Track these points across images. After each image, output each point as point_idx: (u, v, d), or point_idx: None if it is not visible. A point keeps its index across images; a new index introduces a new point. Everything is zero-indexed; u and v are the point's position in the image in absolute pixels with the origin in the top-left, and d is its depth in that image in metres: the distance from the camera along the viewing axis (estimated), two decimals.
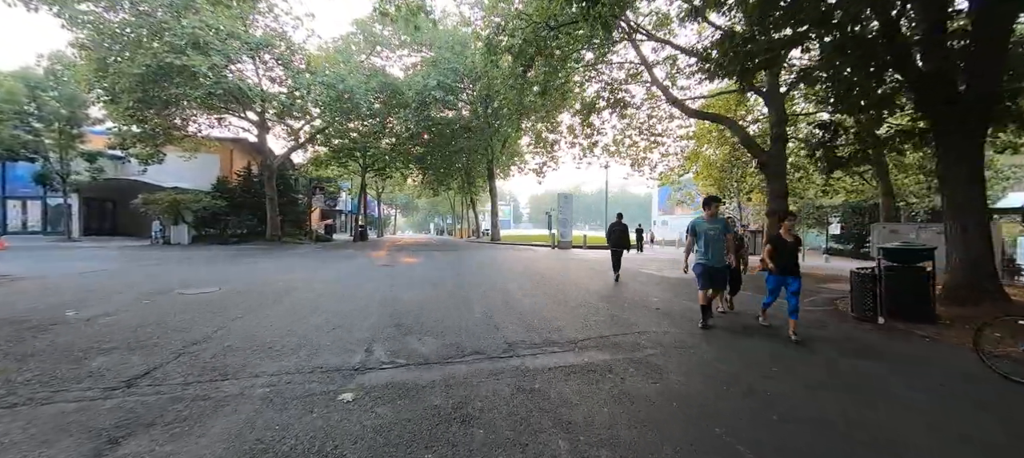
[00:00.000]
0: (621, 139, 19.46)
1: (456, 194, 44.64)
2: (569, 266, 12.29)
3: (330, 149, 25.61)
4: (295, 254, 14.70)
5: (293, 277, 8.57)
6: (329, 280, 8.24)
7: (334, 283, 7.85)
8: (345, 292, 6.87)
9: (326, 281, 8.10)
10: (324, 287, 7.33)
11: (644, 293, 7.61)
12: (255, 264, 11.02)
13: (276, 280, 8.11)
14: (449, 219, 60.37)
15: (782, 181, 12.85)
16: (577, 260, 14.65)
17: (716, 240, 5.07)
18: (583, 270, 11.28)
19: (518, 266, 11.81)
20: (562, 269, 11.39)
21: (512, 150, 29.50)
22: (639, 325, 5.12)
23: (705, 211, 5.24)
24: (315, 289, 7.10)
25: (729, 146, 19.80)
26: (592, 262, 13.82)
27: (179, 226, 18.68)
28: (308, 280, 8.20)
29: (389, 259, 13.38)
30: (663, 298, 7.07)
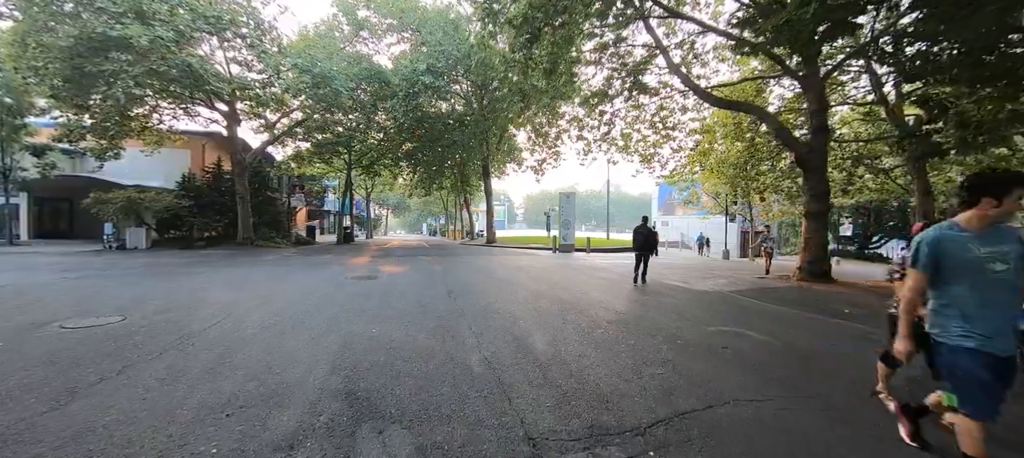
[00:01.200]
0: (629, 132, 17.78)
1: (449, 193, 42.75)
2: (580, 277, 10.54)
3: (313, 145, 23.64)
4: (262, 261, 12.77)
5: (237, 297, 6.70)
6: (281, 302, 6.39)
7: (285, 307, 6.01)
8: (293, 324, 5.04)
9: (277, 303, 6.25)
10: (268, 314, 5.49)
11: (688, 317, 5.87)
12: (201, 277, 9.10)
13: (213, 302, 6.25)
14: (442, 219, 58.41)
15: (823, 178, 11.23)
16: (586, 268, 12.91)
17: (1005, 284, 1.89)
18: (599, 282, 9.53)
19: (521, 276, 10.04)
20: (574, 281, 9.63)
21: (509, 145, 27.72)
22: (722, 386, 3.36)
23: (971, 214, 1.96)
24: (254, 318, 5.26)
25: (745, 141, 18.20)
26: (604, 270, 12.08)
27: (136, 229, 16.61)
28: (254, 302, 6.34)
29: (369, 268, 11.52)
30: (721, 330, 5.33)
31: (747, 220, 24.87)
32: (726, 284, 9.92)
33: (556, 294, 7.58)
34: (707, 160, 18.27)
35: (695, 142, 17.79)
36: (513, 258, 15.95)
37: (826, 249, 11.53)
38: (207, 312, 5.54)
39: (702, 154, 18.10)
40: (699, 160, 18.27)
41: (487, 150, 24.19)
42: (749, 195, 23.01)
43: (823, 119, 11.13)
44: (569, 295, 7.49)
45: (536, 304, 6.59)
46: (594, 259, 16.84)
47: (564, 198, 20.69)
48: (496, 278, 9.60)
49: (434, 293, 7.38)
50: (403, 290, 7.65)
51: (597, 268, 12.87)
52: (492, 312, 5.89)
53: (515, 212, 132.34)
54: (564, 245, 20.30)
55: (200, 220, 17.48)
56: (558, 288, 8.28)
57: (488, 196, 26.03)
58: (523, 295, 7.37)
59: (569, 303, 6.74)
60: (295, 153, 24.82)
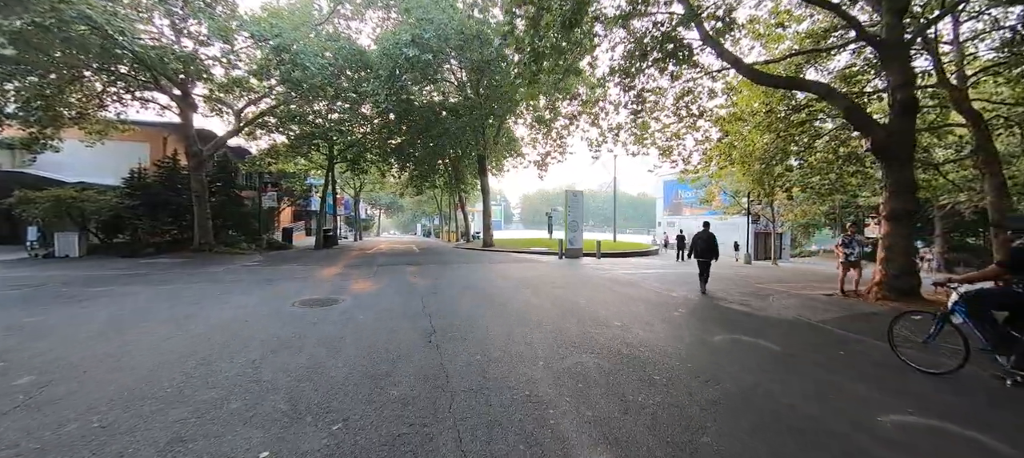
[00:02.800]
0: (646, 121, 15.39)
1: (442, 192, 40.25)
2: (607, 297, 8.14)
3: (288, 138, 21.07)
4: (203, 276, 10.27)
5: (93, 349, 4.24)
6: (149, 360, 3.93)
7: (149, 372, 3.56)
8: (103, 432, 2.59)
9: (138, 363, 3.79)
10: (99, 390, 3.03)
11: (816, 384, 3.44)
12: (94, 304, 6.61)
13: (39, 358, 3.78)
14: (436, 220, 55.87)
15: (908, 169, 8.90)
16: (607, 280, 10.51)
17: None
18: (636, 306, 7.11)
19: (529, 296, 7.63)
20: (601, 303, 7.21)
21: (508, 138, 25.28)
22: None
23: None
24: (75, 401, 2.80)
25: (773, 133, 15.87)
26: (631, 285, 9.69)
27: (66, 234, 14.01)
28: (110, 357, 3.88)
29: (334, 285, 9.05)
30: (903, 423, 2.93)
31: (768, 221, 22.61)
32: (798, 305, 7.56)
33: (587, 332, 5.17)
34: (735, 152, 15.94)
35: (722, 132, 15.42)
36: (515, 266, 13.54)
37: (913, 258, 9.21)
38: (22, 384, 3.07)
39: (730, 146, 15.75)
40: (727, 152, 15.91)
41: (484, 143, 21.71)
42: (773, 193, 20.77)
43: (909, 95, 8.79)
44: (607, 336, 5.07)
45: (564, 357, 4.17)
46: (608, 266, 14.47)
47: (571, 197, 18.30)
48: (497, 302, 7.17)
49: (408, 335, 4.94)
50: (362, 329, 5.20)
51: (619, 280, 10.49)
52: (496, 383, 3.46)
53: (511, 212, 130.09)
54: (571, 249, 17.92)
55: (147, 223, 14.90)
56: (587, 320, 5.86)
57: (485, 194, 23.56)
58: (540, 337, 4.94)
59: (613, 353, 4.32)
60: (270, 147, 22.23)
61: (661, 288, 9.37)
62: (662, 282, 10.47)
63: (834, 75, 13.29)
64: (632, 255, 21.16)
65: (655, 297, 8.09)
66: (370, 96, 16.52)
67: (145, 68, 13.14)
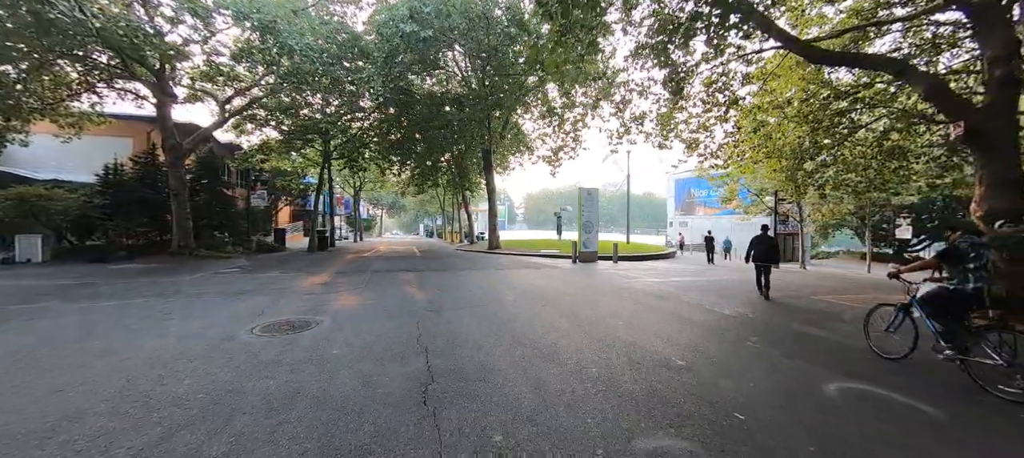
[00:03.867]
0: (669, 112, 13.84)
1: (445, 191, 38.76)
2: (647, 317, 6.62)
3: (280, 132, 19.64)
4: (164, 286, 8.81)
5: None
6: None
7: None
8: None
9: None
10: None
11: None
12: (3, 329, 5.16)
13: None
14: (439, 220, 54.42)
15: (1011, 156, 7.31)
16: (636, 291, 8.97)
17: None
18: (685, 324, 5.57)
19: (551, 313, 6.12)
20: (641, 326, 5.68)
21: (515, 133, 23.72)
22: None
23: None
24: None
25: (809, 124, 14.24)
26: (666, 297, 8.13)
27: (29, 236, 12.61)
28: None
29: (312, 301, 7.57)
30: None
31: (796, 222, 20.97)
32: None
33: (648, 380, 3.63)
34: (770, 144, 14.34)
35: (756, 123, 13.79)
36: (526, 274, 12.02)
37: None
38: None
39: (765, 138, 14.14)
40: (763, 145, 14.30)
41: (489, 137, 20.15)
42: (803, 191, 19.14)
43: (1010, 70, 7.21)
44: (677, 387, 3.53)
45: (631, 436, 2.63)
46: (629, 272, 12.93)
47: (585, 195, 16.74)
48: (513, 328, 5.66)
49: (393, 386, 3.42)
50: (330, 376, 3.68)
51: (650, 291, 8.95)
52: None
53: (515, 212, 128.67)
54: (585, 252, 16.37)
55: (118, 224, 13.48)
56: (638, 357, 4.33)
57: (491, 193, 22.01)
58: (584, 391, 3.41)
59: (701, 424, 2.78)
60: (262, 143, 20.80)
61: (705, 302, 7.82)
62: (702, 294, 8.93)
63: (895, 50, 11.63)
64: (649, 258, 19.59)
65: (706, 317, 6.55)
66: (365, 83, 15.04)
67: (111, 49, 11.72)
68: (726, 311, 7.07)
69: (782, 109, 13.69)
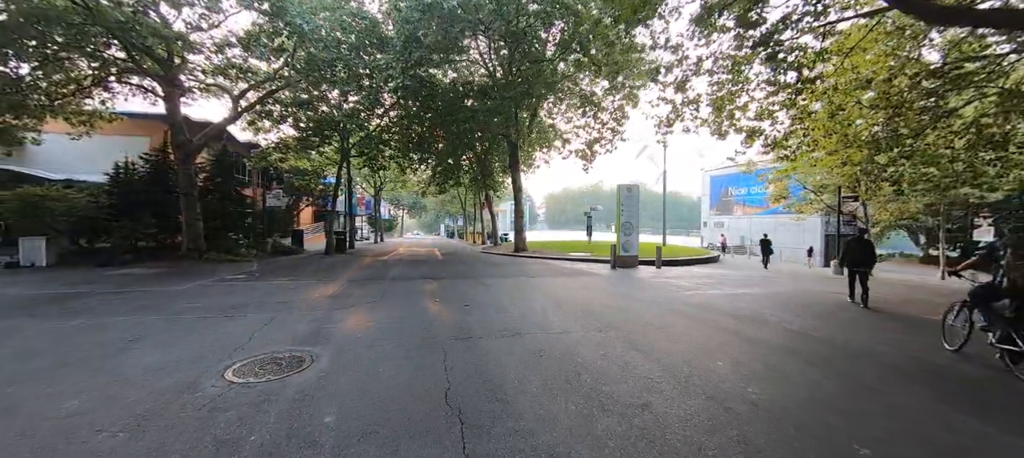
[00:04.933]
0: (722, 98, 12.02)
1: (467, 191, 37.54)
2: (744, 351, 5.05)
3: (297, 129, 18.73)
4: (155, 297, 7.71)
5: None
6: None
7: None
8: None
9: None
10: None
11: None
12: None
13: None
14: (460, 220, 53.36)
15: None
16: (704, 307, 7.30)
17: None
18: (801, 362, 3.92)
19: (616, 342, 4.59)
20: (752, 370, 4.07)
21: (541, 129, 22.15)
22: None
23: None
24: None
25: (889, 109, 12.12)
26: (752, 320, 6.44)
27: (32, 238, 11.90)
28: None
29: (324, 314, 6.26)
30: None
31: (864, 222, 18.64)
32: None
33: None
34: (850, 131, 12.31)
35: (833, 107, 11.79)
36: (564, 283, 10.50)
37: None
38: None
39: (844, 124, 12.12)
40: (841, 132, 12.28)
41: (517, 130, 18.67)
42: (877, 187, 16.87)
43: None
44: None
45: None
46: (681, 281, 11.21)
47: (624, 192, 15.04)
48: (574, 367, 4.18)
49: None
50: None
51: (718, 306, 7.28)
52: None
53: (536, 212, 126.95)
54: (625, 257, 14.70)
55: (124, 225, 12.66)
56: (780, 436, 2.75)
57: (517, 192, 20.50)
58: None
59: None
60: (279, 141, 19.96)
61: (805, 326, 6.11)
62: (791, 312, 7.18)
63: None
64: (693, 263, 17.72)
65: (825, 349, 4.89)
66: (383, 71, 13.83)
67: (114, 37, 10.86)
68: (842, 338, 5.37)
69: (864, 90, 11.69)
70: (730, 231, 35.72)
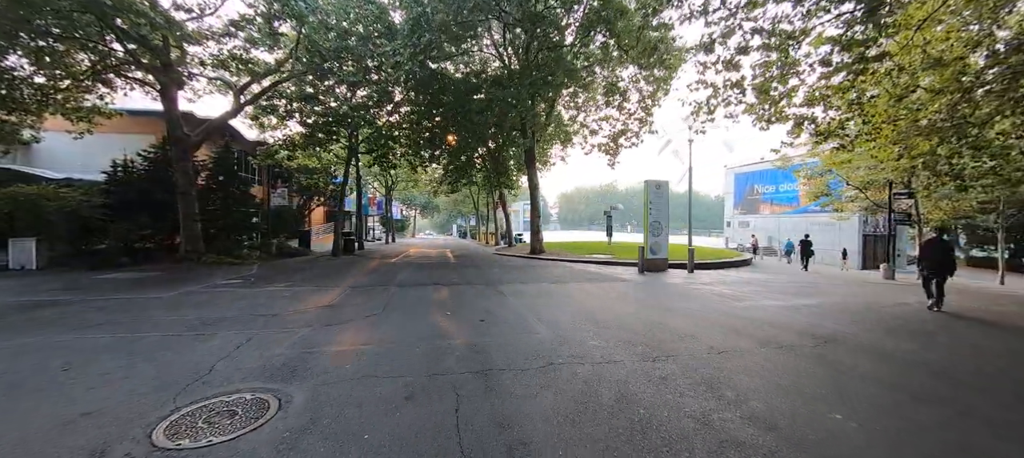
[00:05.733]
0: (767, 82, 10.65)
1: (480, 190, 36.50)
2: (858, 388, 3.74)
3: (305, 124, 17.91)
4: (133, 304, 6.78)
5: None
6: None
7: None
8: None
9: None
10: None
11: None
12: None
13: None
14: (472, 220, 52.40)
15: None
16: (767, 324, 6.04)
17: None
18: (935, 419, 2.70)
19: (693, 391, 3.43)
20: (889, 434, 2.85)
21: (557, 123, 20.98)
22: None
23: None
24: None
25: (954, 94, 10.56)
26: (833, 340, 5.16)
27: (22, 241, 11.23)
28: None
29: (313, 332, 5.23)
30: None
31: (925, 222, 16.94)
32: None
33: None
34: (920, 116, 10.81)
35: (901, 90, 10.30)
36: (592, 291, 9.33)
37: None
38: None
39: (912, 111, 10.63)
40: (910, 118, 10.79)
41: (534, 125, 17.53)
42: (939, 181, 15.21)
43: None
44: None
45: None
46: (724, 288, 9.92)
47: (653, 189, 13.76)
48: (631, 419, 3.00)
49: None
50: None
51: (783, 322, 6.02)
52: None
53: (549, 212, 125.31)
54: (653, 259, 13.43)
55: (120, 226, 11.92)
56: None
57: (533, 190, 19.35)
58: None
59: None
60: (286, 138, 19.19)
61: (908, 352, 4.82)
62: (871, 328, 5.87)
63: None
64: (726, 266, 16.32)
65: (971, 395, 3.62)
66: (390, 58, 12.85)
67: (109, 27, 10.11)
68: (963, 369, 4.09)
69: (934, 70, 10.19)
70: (756, 231, 33.90)
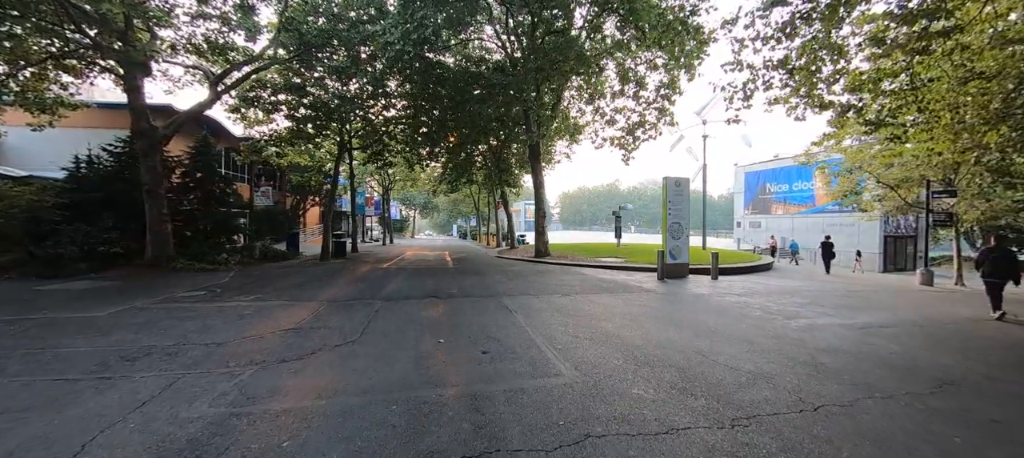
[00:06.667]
0: (808, 64, 9.31)
1: (480, 190, 35.19)
2: None
3: (292, 119, 16.60)
4: (50, 329, 5.45)
5: None
6: None
7: None
8: None
9: None
10: None
11: None
12: None
13: None
14: (473, 220, 51.05)
15: None
16: (842, 352, 4.70)
17: None
18: None
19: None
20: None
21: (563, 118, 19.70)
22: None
23: None
24: None
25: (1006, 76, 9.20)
26: (958, 381, 3.82)
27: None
28: None
29: (248, 384, 3.88)
30: None
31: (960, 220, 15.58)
32: None
33: None
34: (982, 102, 9.46)
35: (966, 71, 8.96)
36: (612, 305, 8.01)
37: None
38: None
39: (977, 95, 9.28)
40: (973, 104, 9.46)
41: (540, 118, 16.22)
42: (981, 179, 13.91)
43: None
44: None
45: None
46: (764, 299, 8.59)
47: (673, 186, 12.41)
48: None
49: None
50: None
51: (858, 350, 4.68)
52: None
53: (550, 212, 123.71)
54: (674, 265, 12.10)
55: (77, 229, 10.58)
56: None
57: (538, 188, 17.96)
58: None
59: None
60: (272, 133, 17.89)
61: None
62: (960, 354, 4.53)
63: None
64: (748, 271, 14.99)
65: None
66: (379, 37, 11.53)
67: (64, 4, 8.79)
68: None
69: (1005, 49, 8.85)
70: (767, 232, 32.54)
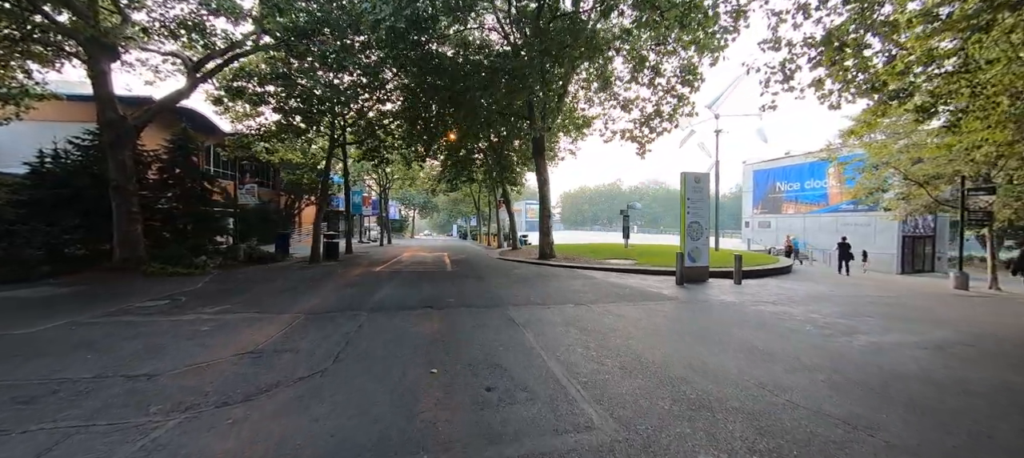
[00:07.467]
0: (844, 40, 8.27)
1: (480, 188, 34.14)
2: None
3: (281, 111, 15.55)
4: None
5: None
6: None
7: None
8: None
9: None
10: None
11: None
12: None
13: None
14: (473, 220, 49.98)
15: None
16: (954, 391, 3.65)
17: None
18: None
19: None
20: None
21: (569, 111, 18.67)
22: None
23: None
24: None
25: None
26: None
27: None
28: None
29: (162, 443, 2.80)
30: None
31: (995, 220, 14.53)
32: None
33: None
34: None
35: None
36: (632, 316, 7.00)
37: None
38: None
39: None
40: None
41: (545, 110, 15.18)
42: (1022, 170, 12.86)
43: None
44: None
45: None
46: (790, 306, 7.56)
47: (692, 182, 11.36)
48: None
49: None
50: None
51: (957, 387, 3.65)
52: None
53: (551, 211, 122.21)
54: (693, 268, 11.06)
55: (35, 229, 9.54)
56: None
57: (542, 185, 16.89)
58: None
59: None
60: (259, 128, 16.84)
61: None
62: None
63: None
64: (769, 274, 13.96)
65: None
66: (369, 14, 10.50)
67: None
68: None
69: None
70: (776, 232, 31.49)
